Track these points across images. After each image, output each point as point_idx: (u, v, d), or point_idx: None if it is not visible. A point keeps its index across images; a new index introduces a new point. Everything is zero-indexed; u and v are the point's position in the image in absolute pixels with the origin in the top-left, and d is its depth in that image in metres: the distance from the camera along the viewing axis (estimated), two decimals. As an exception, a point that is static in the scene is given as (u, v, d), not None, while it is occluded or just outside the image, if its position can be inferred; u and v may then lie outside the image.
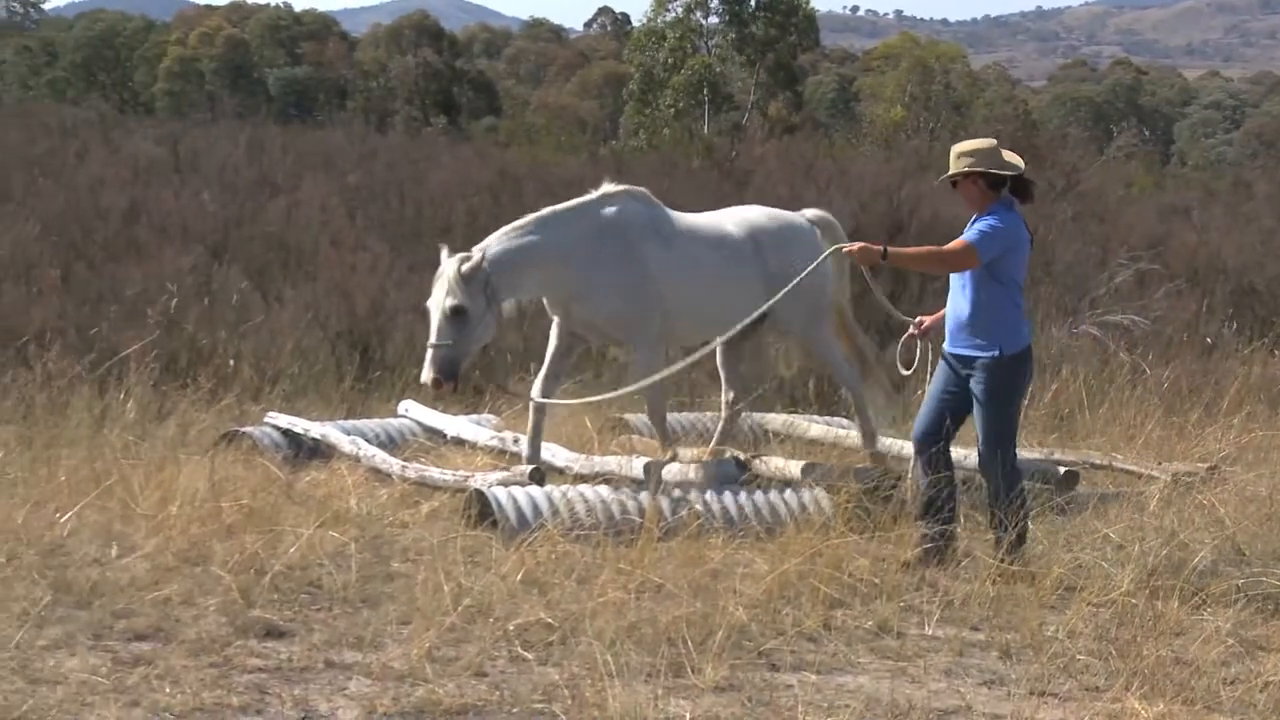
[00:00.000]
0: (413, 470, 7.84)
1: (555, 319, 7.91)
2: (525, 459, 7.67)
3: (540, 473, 7.54)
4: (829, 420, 9.35)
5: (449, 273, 7.24)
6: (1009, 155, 6.77)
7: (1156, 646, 5.55)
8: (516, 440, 8.23)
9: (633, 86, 50.83)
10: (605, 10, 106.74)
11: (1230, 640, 5.69)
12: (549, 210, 7.71)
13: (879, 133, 37.81)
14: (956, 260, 6.63)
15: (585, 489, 7.13)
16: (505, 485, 7.15)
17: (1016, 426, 6.92)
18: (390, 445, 8.53)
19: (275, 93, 71.49)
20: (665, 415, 8.21)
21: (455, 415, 9.14)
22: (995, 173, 6.65)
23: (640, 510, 6.86)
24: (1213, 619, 5.90)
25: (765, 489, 7.36)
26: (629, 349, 7.74)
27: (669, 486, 7.22)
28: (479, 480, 7.40)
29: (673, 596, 5.87)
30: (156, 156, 20.94)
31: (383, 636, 5.45)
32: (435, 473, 7.78)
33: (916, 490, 6.95)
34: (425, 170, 20.09)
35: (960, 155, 6.71)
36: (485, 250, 7.35)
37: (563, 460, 7.88)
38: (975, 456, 6.92)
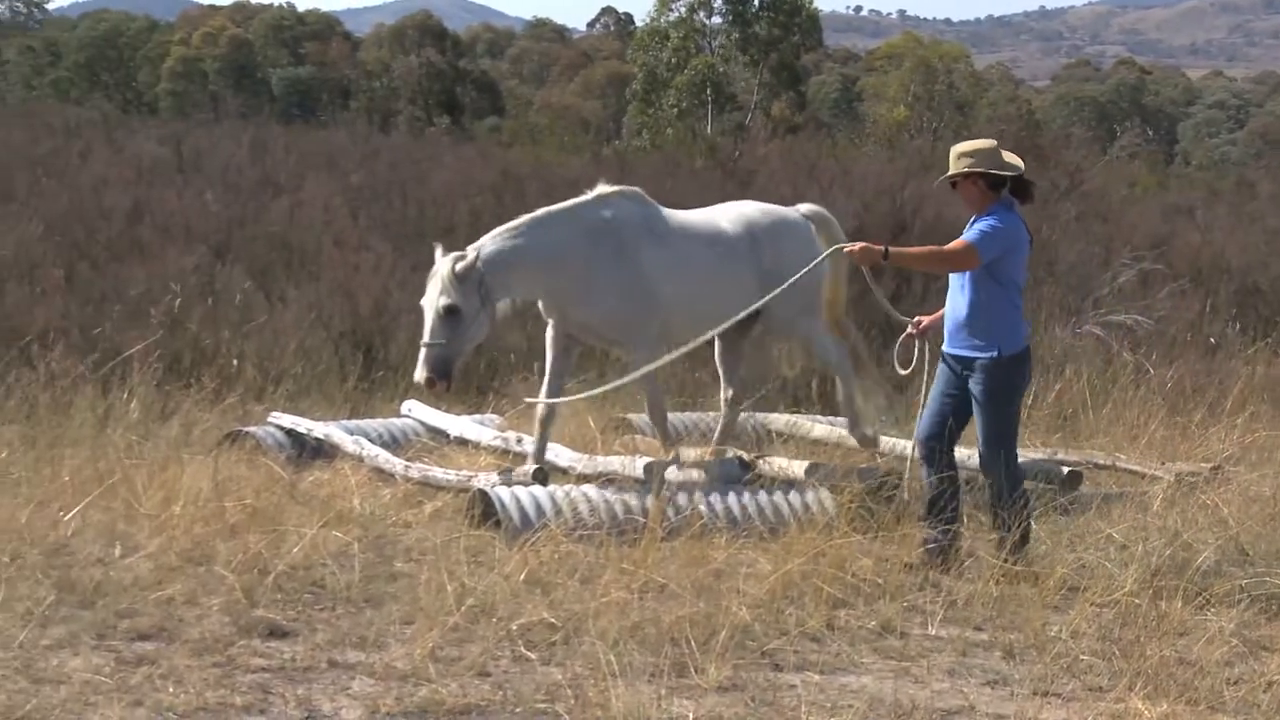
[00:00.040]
0: (416, 470, 7.84)
1: (550, 324, 7.87)
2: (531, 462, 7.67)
3: (544, 473, 7.55)
4: (832, 420, 9.34)
5: (443, 272, 7.20)
6: (1009, 156, 6.77)
7: (1160, 647, 5.55)
8: (520, 440, 8.23)
9: (636, 86, 50.80)
10: (608, 10, 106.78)
11: (1234, 640, 5.69)
12: (544, 211, 7.68)
13: (882, 133, 37.84)
14: (957, 260, 6.63)
15: (586, 490, 7.12)
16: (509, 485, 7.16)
17: (1017, 427, 6.92)
18: (393, 445, 8.53)
19: (278, 93, 71.56)
20: (666, 414, 8.20)
21: (458, 415, 9.15)
22: (995, 173, 6.65)
23: (643, 510, 6.85)
24: (1216, 619, 5.90)
25: (770, 490, 7.35)
26: (627, 350, 7.70)
27: (671, 487, 7.21)
28: (482, 480, 7.40)
29: (676, 596, 5.87)
30: (160, 156, 20.93)
31: (386, 636, 5.45)
32: (438, 473, 7.78)
33: (920, 491, 6.95)
34: (428, 170, 20.07)
35: (960, 156, 6.71)
36: (479, 250, 7.32)
37: (566, 460, 7.88)
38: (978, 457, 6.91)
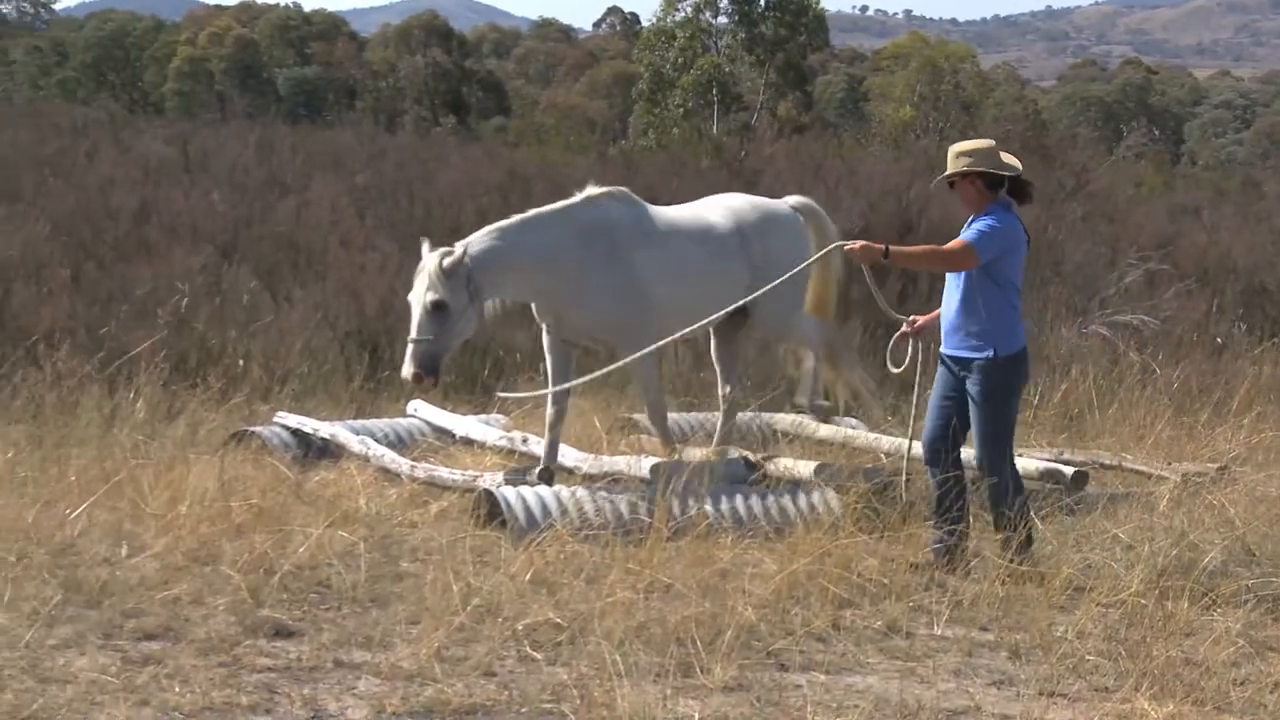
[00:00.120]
0: (422, 470, 7.85)
1: (545, 330, 7.84)
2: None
3: (549, 472, 7.55)
4: (837, 420, 9.33)
5: (430, 267, 7.15)
6: (1007, 156, 6.77)
7: (1166, 647, 5.54)
8: (525, 440, 8.23)
9: (642, 86, 50.77)
10: (614, 10, 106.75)
11: (1240, 641, 5.68)
12: (534, 212, 7.62)
13: (888, 133, 37.75)
14: (956, 260, 6.63)
15: (585, 493, 7.11)
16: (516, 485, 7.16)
17: (1014, 427, 6.91)
18: (399, 445, 8.54)
19: (285, 93, 71.62)
20: (666, 416, 8.17)
21: (464, 415, 9.15)
22: (993, 173, 6.65)
23: (649, 510, 6.84)
24: (1223, 619, 5.89)
25: (777, 491, 7.34)
26: (623, 352, 7.66)
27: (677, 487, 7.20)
28: (488, 480, 7.40)
29: (681, 596, 5.87)
30: (166, 156, 20.95)
31: (392, 636, 5.45)
32: (444, 472, 7.78)
33: (926, 491, 6.95)
34: (434, 170, 20.06)
35: (959, 155, 6.71)
36: (467, 246, 7.27)
37: (572, 460, 7.87)
38: None
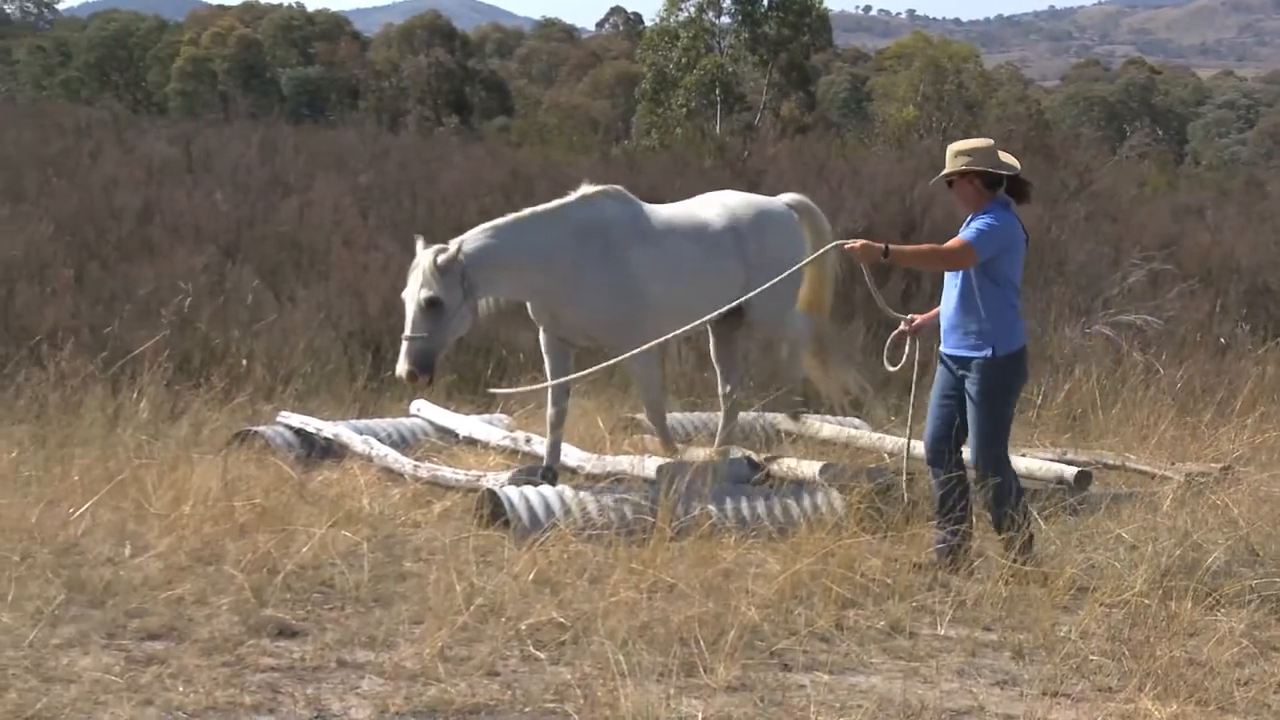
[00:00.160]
0: (425, 470, 7.85)
1: (541, 331, 7.83)
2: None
3: (553, 472, 7.55)
4: (841, 420, 9.34)
5: (424, 264, 7.12)
6: (1005, 155, 6.77)
7: (1170, 647, 5.54)
8: (529, 440, 8.23)
9: (645, 86, 50.75)
10: (617, 10, 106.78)
11: (1244, 641, 5.68)
12: (529, 211, 7.60)
13: (891, 132, 37.74)
14: (955, 258, 6.63)
15: (588, 492, 7.11)
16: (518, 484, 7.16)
17: (1010, 426, 6.91)
18: (402, 445, 8.54)
19: (288, 93, 71.63)
20: (664, 414, 8.14)
21: (467, 415, 9.15)
22: (992, 172, 6.65)
23: (652, 510, 6.84)
24: (1226, 620, 5.89)
25: (781, 492, 7.34)
26: (620, 351, 7.64)
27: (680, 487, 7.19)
28: (491, 480, 7.40)
29: (685, 596, 5.87)
30: (170, 156, 20.97)
31: (395, 636, 5.45)
32: (447, 472, 7.78)
33: (929, 491, 6.94)
34: (437, 170, 20.07)
35: (957, 154, 6.71)
36: (462, 243, 7.24)
37: (575, 460, 7.87)
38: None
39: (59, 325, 10.40)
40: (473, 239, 7.34)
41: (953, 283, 6.73)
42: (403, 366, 7.11)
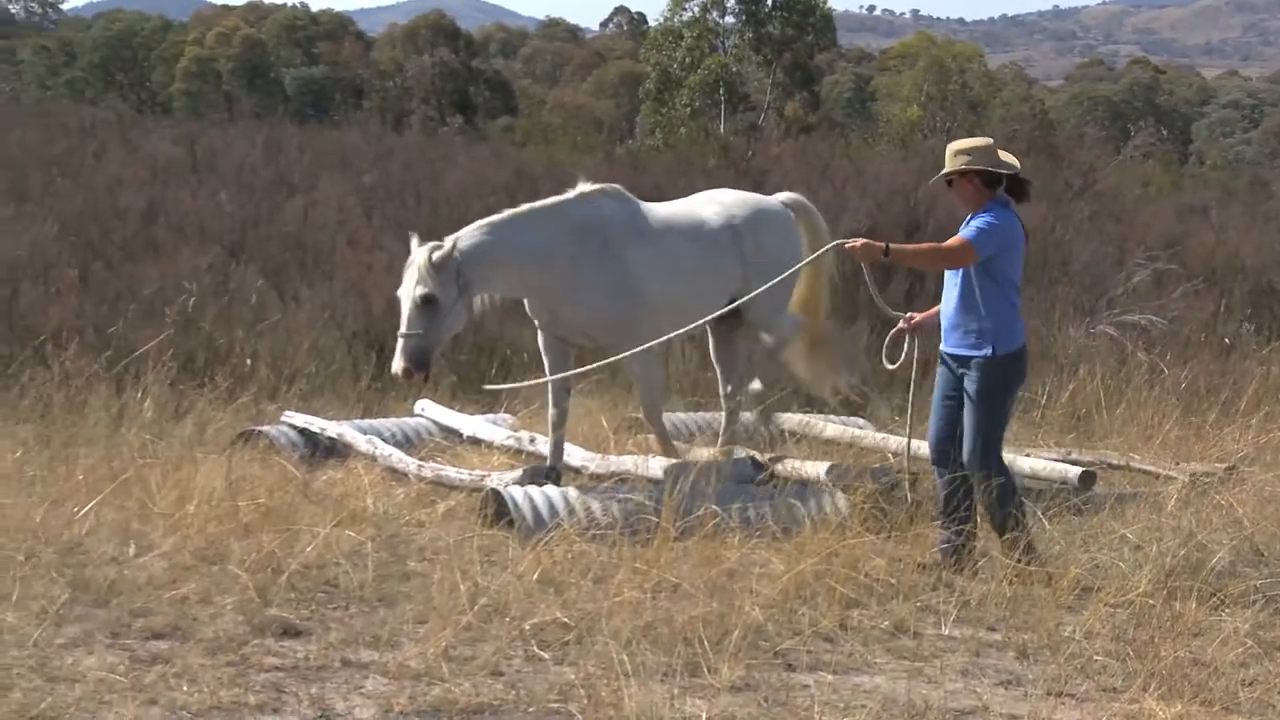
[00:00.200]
0: (429, 469, 7.85)
1: (540, 331, 7.82)
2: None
3: (557, 472, 7.54)
4: (845, 420, 9.34)
5: (419, 261, 7.12)
6: (1005, 154, 6.77)
7: (1174, 647, 5.53)
8: (533, 440, 8.23)
9: (649, 86, 50.74)
10: (621, 10, 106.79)
11: (1248, 641, 5.67)
12: (526, 208, 7.59)
13: (895, 132, 37.67)
14: (955, 256, 6.63)
15: (592, 492, 7.10)
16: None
17: (1005, 426, 6.90)
18: (407, 444, 8.54)
19: (292, 92, 71.62)
20: (662, 415, 8.08)
21: (471, 415, 9.15)
22: (991, 171, 6.65)
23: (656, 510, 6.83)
24: (1231, 620, 5.88)
25: (787, 492, 7.33)
26: (619, 350, 7.63)
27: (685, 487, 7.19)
28: (496, 480, 7.40)
29: (689, 596, 5.87)
30: (174, 156, 20.99)
31: (399, 635, 5.46)
32: (451, 472, 7.78)
33: (933, 491, 6.94)
34: (442, 170, 20.09)
35: (957, 153, 6.71)
36: (457, 240, 7.24)
37: (579, 460, 7.87)
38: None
39: (63, 325, 10.42)
40: (468, 236, 7.32)
41: (953, 282, 6.73)
42: (398, 363, 7.10)
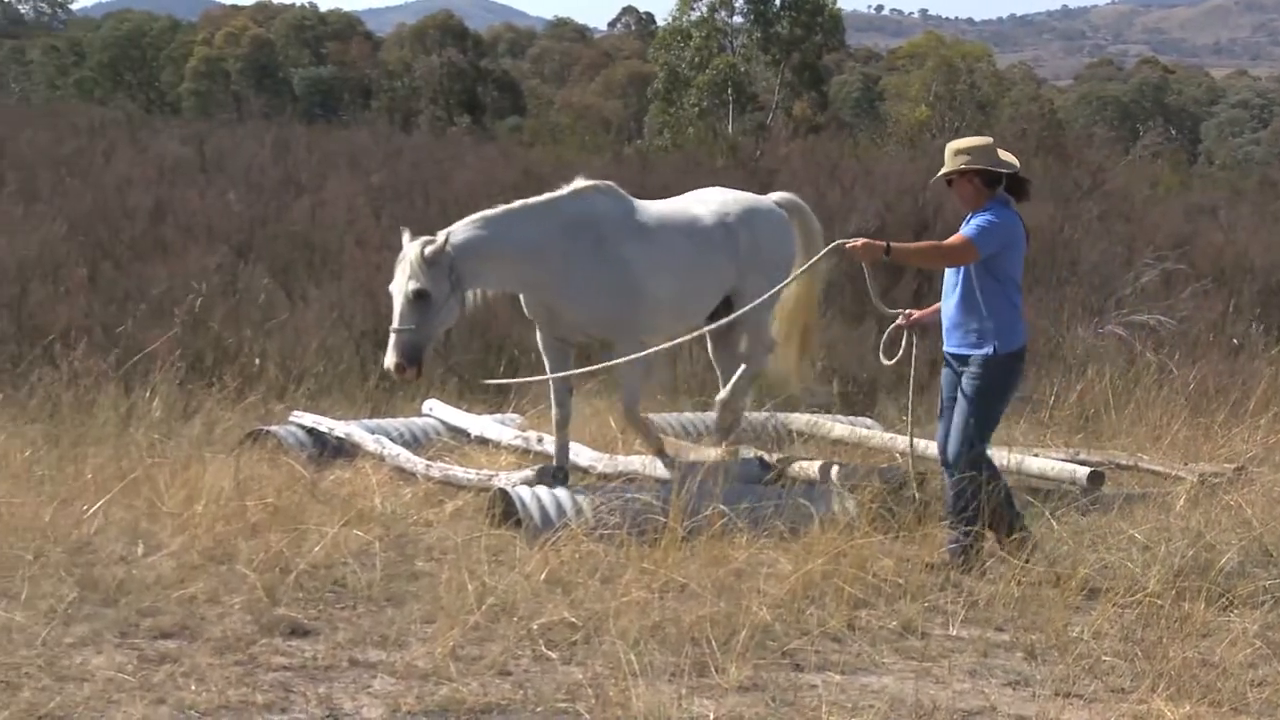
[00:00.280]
0: (437, 469, 7.85)
1: (538, 330, 7.80)
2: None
3: (564, 472, 7.54)
4: (853, 420, 9.34)
5: (411, 256, 7.09)
6: (1004, 153, 6.77)
7: (1183, 648, 5.52)
8: (541, 439, 8.23)
9: (657, 86, 50.80)
10: (629, 10, 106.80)
11: (1257, 642, 5.65)
12: (519, 203, 7.57)
13: (904, 132, 37.73)
14: (955, 255, 6.63)
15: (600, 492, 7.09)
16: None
17: (996, 427, 6.90)
18: (414, 444, 8.54)
19: (300, 92, 71.74)
20: (639, 414, 7.90)
21: (479, 414, 9.16)
22: (991, 170, 6.64)
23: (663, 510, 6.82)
24: (1240, 620, 5.87)
25: (793, 492, 7.32)
26: (618, 348, 7.61)
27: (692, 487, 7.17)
28: (504, 479, 7.40)
29: (696, 596, 5.87)
30: (183, 156, 21.05)
31: (407, 635, 5.46)
32: (459, 472, 7.79)
33: (941, 491, 6.94)
34: (450, 170, 20.12)
35: (957, 153, 6.71)
36: (449, 235, 7.22)
37: (586, 460, 7.87)
38: (1011, 457, 6.85)
39: (72, 324, 10.44)
40: (460, 230, 7.31)
41: (954, 281, 6.73)
42: (390, 359, 7.06)
